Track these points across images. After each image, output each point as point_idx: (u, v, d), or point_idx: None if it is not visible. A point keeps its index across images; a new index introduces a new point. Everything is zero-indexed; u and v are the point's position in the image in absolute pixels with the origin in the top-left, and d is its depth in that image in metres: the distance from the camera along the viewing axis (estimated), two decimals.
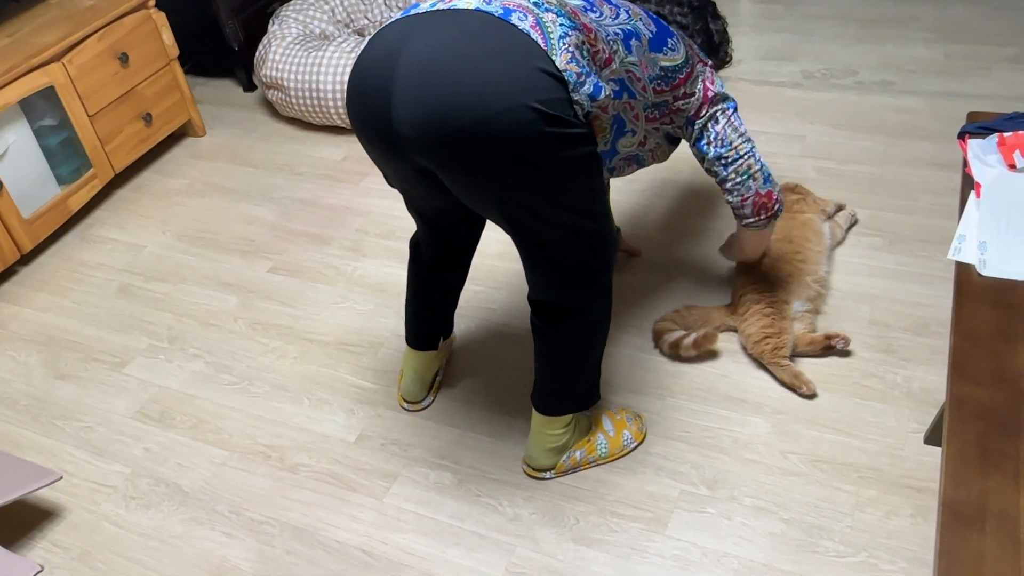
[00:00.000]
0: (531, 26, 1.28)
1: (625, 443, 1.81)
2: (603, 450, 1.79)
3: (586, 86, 1.30)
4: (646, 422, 1.87)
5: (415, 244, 1.79)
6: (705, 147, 1.67)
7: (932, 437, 1.73)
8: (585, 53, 1.32)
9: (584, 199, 1.40)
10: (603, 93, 1.33)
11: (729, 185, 1.70)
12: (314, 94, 2.92)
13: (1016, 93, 2.75)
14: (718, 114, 1.64)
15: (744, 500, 1.70)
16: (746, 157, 1.67)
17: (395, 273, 2.39)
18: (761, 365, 1.95)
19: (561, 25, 1.30)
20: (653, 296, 2.19)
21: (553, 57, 1.27)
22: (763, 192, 1.71)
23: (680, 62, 1.53)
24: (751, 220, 1.75)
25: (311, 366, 2.14)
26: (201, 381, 2.14)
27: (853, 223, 2.29)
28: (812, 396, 1.87)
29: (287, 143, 3.07)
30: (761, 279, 2.01)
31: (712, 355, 2.00)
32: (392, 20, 1.38)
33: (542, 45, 1.27)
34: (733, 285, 2.10)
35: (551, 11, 1.32)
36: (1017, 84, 2.79)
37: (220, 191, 2.86)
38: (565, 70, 1.28)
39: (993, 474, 0.90)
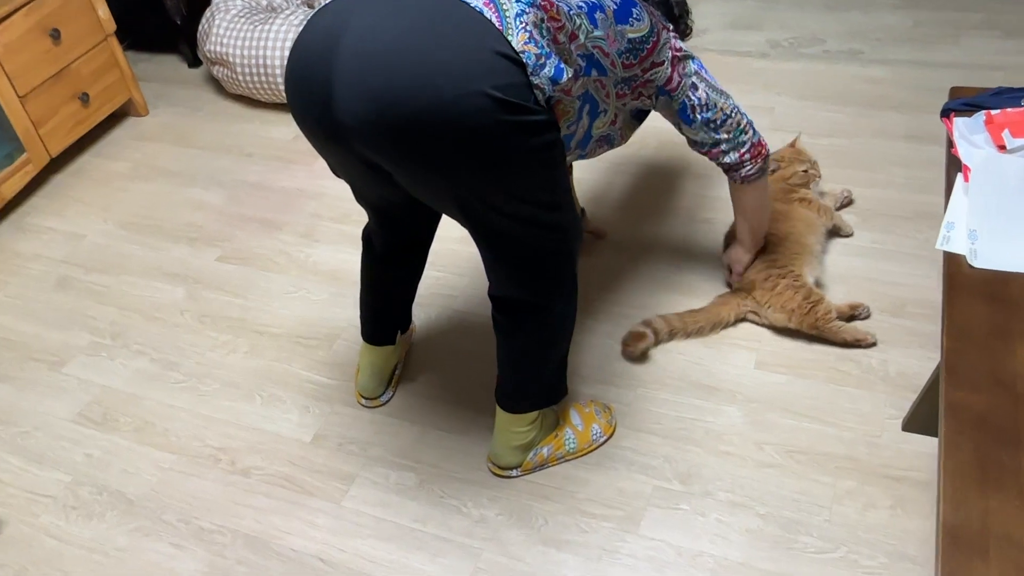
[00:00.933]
0: (484, 3, 1.17)
1: (594, 437, 1.73)
2: (571, 445, 1.71)
3: (546, 68, 1.20)
4: (616, 414, 1.80)
5: (367, 236, 1.68)
6: (690, 114, 1.59)
7: (910, 424, 1.68)
8: (545, 32, 1.22)
9: (546, 190, 1.30)
10: (565, 76, 1.23)
11: (724, 147, 1.64)
12: (261, 70, 2.78)
13: (986, 61, 2.68)
14: (694, 79, 1.56)
15: (719, 495, 1.63)
16: (733, 114, 1.62)
17: (351, 260, 2.27)
18: (809, 336, 1.89)
19: (517, 2, 1.19)
20: (621, 279, 2.10)
21: (509, 37, 1.16)
22: (755, 141, 1.68)
23: (646, 32, 1.43)
24: (751, 169, 1.70)
25: (263, 361, 2.02)
26: (146, 379, 2.02)
27: (847, 203, 2.21)
28: (875, 344, 1.85)
29: (235, 122, 2.92)
30: (773, 257, 1.93)
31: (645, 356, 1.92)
32: None
33: (497, 24, 1.16)
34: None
35: None
36: (986, 52, 2.73)
37: (165, 175, 2.71)
38: (523, 51, 1.17)
39: (995, 492, 0.82)
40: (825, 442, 1.69)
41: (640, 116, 1.65)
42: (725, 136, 1.64)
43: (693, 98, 1.57)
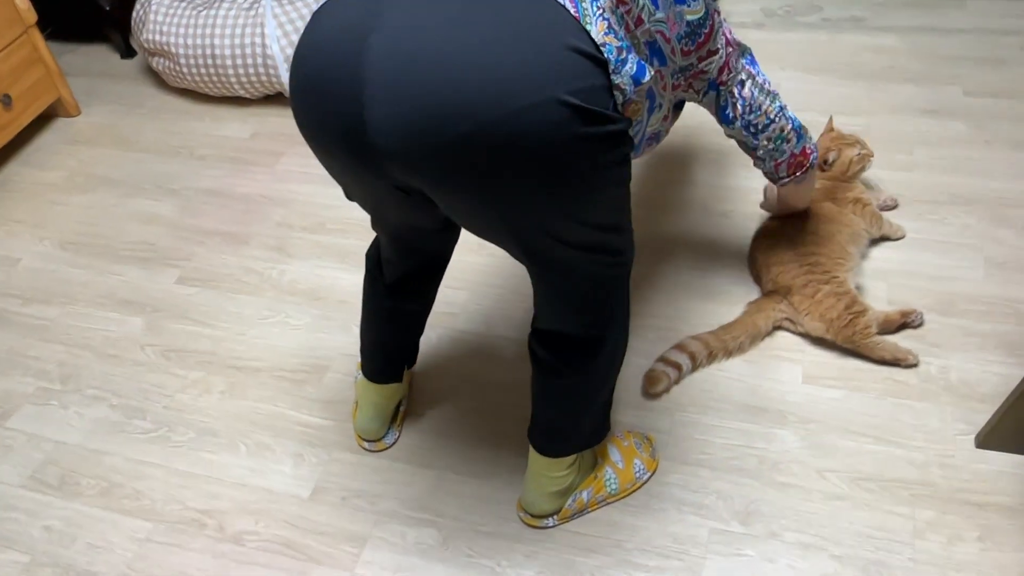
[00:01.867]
0: None
1: (637, 475, 1.53)
2: (613, 487, 1.51)
3: (628, 64, 0.97)
4: (657, 445, 1.60)
5: (375, 261, 1.43)
6: (731, 114, 1.42)
7: (988, 440, 1.51)
8: (619, 19, 0.99)
9: (614, 211, 1.09)
10: (648, 74, 1.00)
11: (760, 153, 1.50)
12: (209, 60, 2.47)
13: (996, 25, 2.53)
14: (743, 75, 1.38)
15: (786, 536, 1.45)
16: (777, 119, 1.46)
17: (331, 275, 2.02)
18: (845, 351, 1.71)
19: None
20: (642, 286, 1.89)
21: (588, 27, 0.93)
22: (797, 152, 1.53)
23: (702, 14, 1.22)
24: (786, 180, 1.58)
25: (244, 401, 1.77)
26: (107, 431, 1.74)
27: (889, 205, 1.99)
28: (916, 364, 1.67)
29: (182, 120, 2.61)
30: (813, 260, 1.74)
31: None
32: None
33: (572, 11, 0.93)
34: (769, 271, 1.78)
35: None
36: (994, 14, 2.58)
37: (106, 184, 2.40)
38: (603, 44, 0.94)
39: None
40: (894, 466, 1.52)
41: (680, 106, 1.44)
42: (764, 143, 1.49)
43: (737, 96, 1.40)
